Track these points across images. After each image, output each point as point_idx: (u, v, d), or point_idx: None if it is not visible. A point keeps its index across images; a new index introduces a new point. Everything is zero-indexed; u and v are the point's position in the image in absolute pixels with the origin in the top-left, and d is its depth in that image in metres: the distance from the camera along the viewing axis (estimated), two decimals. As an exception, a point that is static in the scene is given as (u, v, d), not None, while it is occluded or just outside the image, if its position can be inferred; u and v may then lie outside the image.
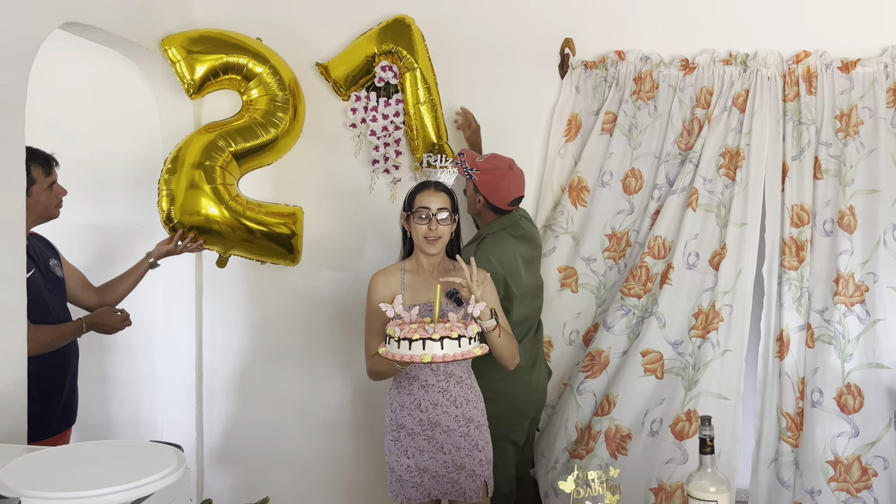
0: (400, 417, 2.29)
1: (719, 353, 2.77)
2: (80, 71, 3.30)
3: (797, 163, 2.88)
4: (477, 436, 2.29)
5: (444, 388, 2.26)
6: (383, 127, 3.11)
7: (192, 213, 2.82)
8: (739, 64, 2.92)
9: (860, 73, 2.88)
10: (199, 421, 3.29)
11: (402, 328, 1.97)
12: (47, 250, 2.52)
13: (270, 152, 3.01)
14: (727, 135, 2.90)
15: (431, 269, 2.34)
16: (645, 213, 2.97)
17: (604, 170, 2.98)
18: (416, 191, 2.33)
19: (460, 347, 1.95)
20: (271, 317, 3.30)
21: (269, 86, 2.96)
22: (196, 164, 2.82)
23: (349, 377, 3.25)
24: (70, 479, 1.25)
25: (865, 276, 2.81)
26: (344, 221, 3.22)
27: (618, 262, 3.00)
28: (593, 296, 3.01)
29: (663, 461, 2.75)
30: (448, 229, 2.30)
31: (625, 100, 2.98)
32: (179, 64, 2.92)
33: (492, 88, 3.12)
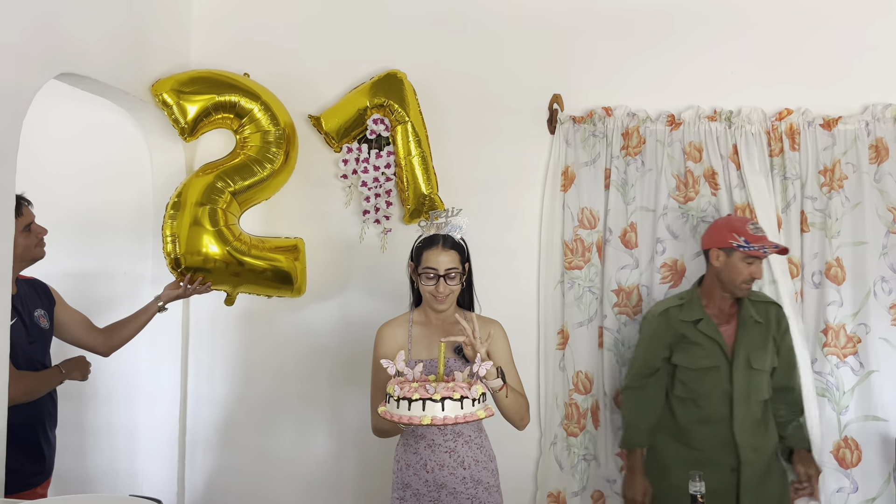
0: (406, 477, 2.19)
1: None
2: (71, 119, 3.31)
3: (785, 216, 2.93)
4: (485, 498, 2.18)
5: (451, 449, 2.16)
6: (374, 178, 3.14)
7: (195, 252, 2.84)
8: (724, 120, 2.99)
9: (842, 130, 2.95)
10: (181, 474, 3.21)
11: (403, 387, 1.87)
12: (38, 299, 2.49)
13: (266, 189, 3.04)
14: (732, 191, 2.95)
15: (441, 321, 2.24)
16: (651, 266, 2.98)
17: (607, 226, 3.01)
18: (424, 247, 2.21)
19: (462, 409, 1.83)
20: (258, 368, 3.25)
21: (261, 122, 3.00)
22: (198, 203, 2.86)
23: (337, 430, 3.20)
24: (44, 535, 1.21)
25: (857, 328, 2.82)
26: (334, 271, 3.22)
27: (633, 318, 2.99)
28: (611, 353, 3.00)
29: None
30: (457, 287, 2.21)
31: (615, 155, 3.03)
32: (172, 108, 2.96)
33: (482, 141, 3.16)
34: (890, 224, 2.88)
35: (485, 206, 3.13)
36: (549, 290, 3.03)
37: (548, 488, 2.99)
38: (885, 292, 2.84)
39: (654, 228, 2.98)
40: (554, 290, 3.03)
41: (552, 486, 2.98)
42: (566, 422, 3.00)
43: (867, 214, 2.88)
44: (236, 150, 3.04)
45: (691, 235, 2.95)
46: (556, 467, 2.98)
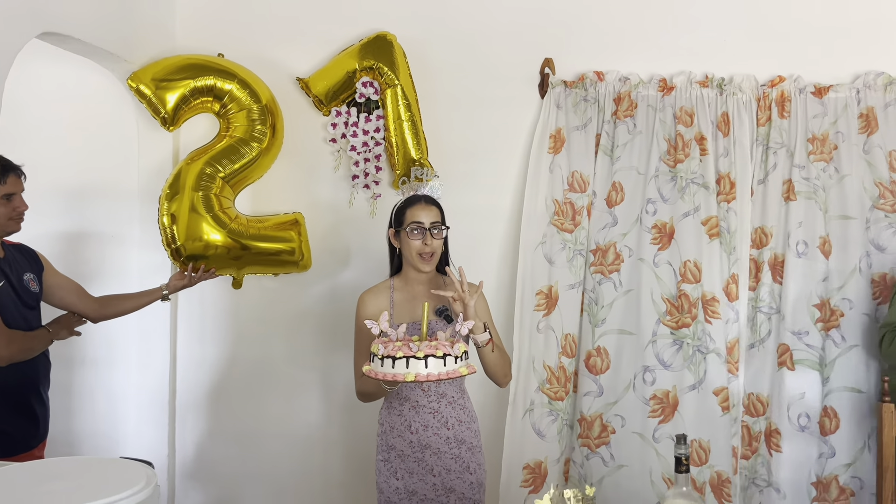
0: (390, 439, 2.23)
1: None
2: (57, 81, 3.26)
3: (762, 186, 2.94)
4: (469, 458, 2.23)
5: (435, 409, 2.20)
6: (364, 142, 3.11)
7: (195, 239, 2.86)
8: (716, 87, 2.98)
9: (833, 98, 2.94)
10: (172, 436, 3.24)
11: (387, 346, 1.90)
12: (25, 263, 2.47)
13: (257, 169, 3.03)
14: (718, 160, 2.95)
15: (421, 286, 2.27)
16: (639, 227, 2.96)
17: (593, 190, 3.00)
18: (406, 205, 2.25)
19: (445, 366, 1.86)
20: (248, 332, 3.26)
21: (242, 100, 2.97)
22: (193, 189, 2.87)
23: (327, 393, 3.23)
24: (38, 496, 1.22)
25: (841, 302, 2.85)
26: (323, 236, 3.21)
27: (609, 276, 2.96)
28: (586, 314, 2.98)
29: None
30: (440, 244, 2.23)
31: (606, 120, 3.02)
32: (150, 98, 2.93)
33: (472, 106, 3.14)
34: (875, 199, 2.89)
35: (475, 171, 3.12)
36: (528, 252, 3.00)
37: (523, 460, 2.90)
38: (868, 267, 2.87)
39: (643, 189, 2.97)
40: (535, 251, 2.99)
41: (528, 457, 2.89)
42: (548, 386, 2.94)
43: (854, 188, 2.89)
44: (221, 133, 3.02)
45: (679, 197, 2.95)
46: (532, 436, 2.90)
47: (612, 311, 2.94)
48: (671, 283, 2.90)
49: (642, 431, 2.86)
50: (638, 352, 2.90)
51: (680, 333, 2.87)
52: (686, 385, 2.85)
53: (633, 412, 2.88)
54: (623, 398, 2.90)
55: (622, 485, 2.84)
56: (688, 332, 2.86)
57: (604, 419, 2.90)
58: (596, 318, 2.95)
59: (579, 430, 2.92)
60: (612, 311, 2.94)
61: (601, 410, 2.91)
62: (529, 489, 2.87)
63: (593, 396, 2.92)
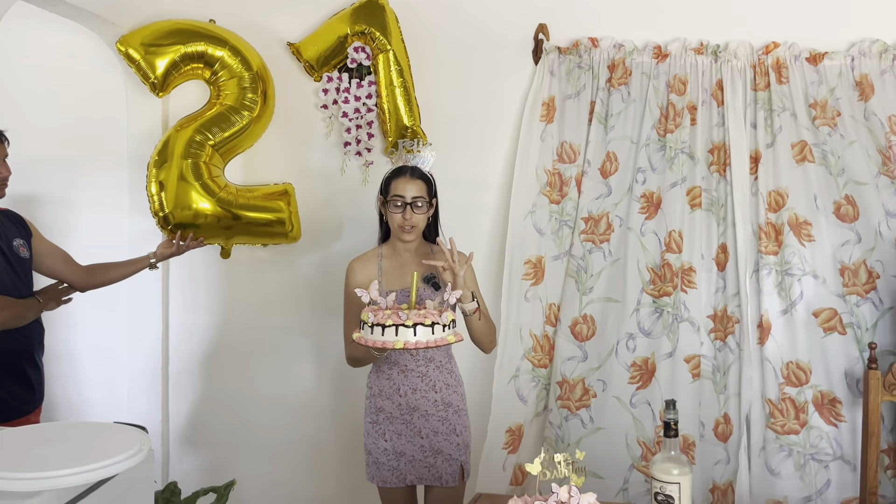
0: (379, 401, 2.29)
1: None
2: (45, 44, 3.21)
3: (771, 150, 2.88)
4: (455, 420, 2.29)
5: (423, 373, 2.26)
6: (355, 109, 3.08)
7: (184, 207, 2.84)
8: (710, 54, 2.95)
9: (828, 65, 2.92)
10: (165, 402, 3.26)
11: (377, 314, 1.94)
12: (14, 228, 2.46)
13: (247, 138, 3.00)
14: (711, 129, 2.93)
15: (409, 254, 2.32)
16: (630, 196, 2.95)
17: (585, 159, 2.98)
18: (392, 177, 2.29)
19: (433, 335, 1.91)
20: (240, 300, 3.27)
21: (233, 68, 2.94)
22: (182, 157, 2.84)
23: (320, 360, 3.24)
24: (31, 460, 1.23)
25: (875, 264, 2.80)
26: (315, 204, 3.20)
27: (599, 245, 2.96)
28: (572, 280, 2.96)
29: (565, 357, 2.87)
30: (423, 217, 2.28)
31: (600, 87, 2.99)
32: (139, 63, 2.89)
33: (465, 72, 3.11)
34: (880, 166, 2.84)
35: (468, 139, 3.10)
36: (518, 221, 2.99)
37: (506, 424, 2.94)
38: (889, 230, 2.80)
39: (635, 158, 2.95)
40: (524, 220, 2.99)
41: (511, 422, 2.94)
42: (533, 354, 2.96)
43: (861, 154, 2.85)
44: (212, 101, 2.99)
45: (668, 167, 2.94)
46: (516, 401, 2.94)
47: (600, 280, 2.94)
48: (656, 253, 2.91)
49: (620, 396, 2.89)
50: (622, 319, 2.91)
51: (661, 302, 2.89)
52: (664, 352, 2.88)
53: (614, 377, 2.90)
54: (606, 363, 2.91)
55: (598, 447, 2.86)
56: (668, 301, 2.88)
57: (586, 383, 2.92)
58: (584, 287, 2.95)
59: (559, 391, 2.94)
60: (600, 280, 2.94)
61: (584, 375, 2.93)
62: (509, 450, 2.93)
63: (577, 361, 2.93)
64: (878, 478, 2.39)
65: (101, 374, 3.26)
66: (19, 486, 1.15)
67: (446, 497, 2.30)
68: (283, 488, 3.26)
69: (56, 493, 1.18)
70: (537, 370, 2.97)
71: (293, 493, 3.26)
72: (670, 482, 1.57)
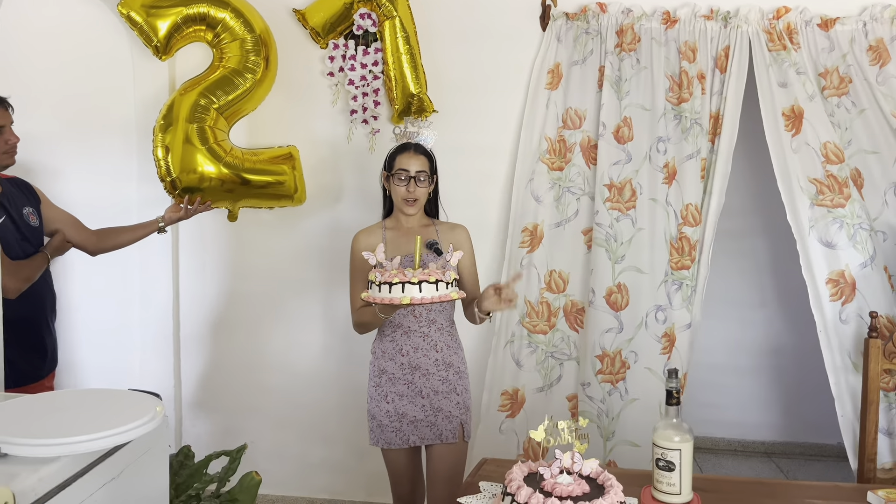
0: (382, 363, 2.36)
1: None
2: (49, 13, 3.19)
3: (814, 103, 2.83)
4: (455, 380, 2.36)
5: (425, 334, 2.33)
6: (361, 76, 3.07)
7: (190, 171, 2.84)
8: (720, 20, 2.91)
9: (839, 31, 2.88)
10: (177, 368, 3.31)
11: (384, 274, 2.05)
12: (23, 197, 2.47)
13: (251, 100, 2.99)
14: (712, 98, 2.91)
15: (411, 227, 2.40)
16: (650, 165, 2.93)
17: (599, 121, 2.96)
18: (397, 152, 2.37)
19: (437, 291, 2.02)
20: (248, 266, 3.30)
21: (236, 30, 2.92)
22: (187, 120, 2.84)
23: (328, 326, 3.28)
24: (49, 427, 1.26)
25: (875, 235, 2.81)
26: (322, 172, 3.20)
27: (626, 213, 2.94)
28: (602, 249, 2.94)
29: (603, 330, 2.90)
30: (425, 191, 2.36)
31: (609, 51, 2.96)
32: (141, 26, 2.88)
33: (472, 39, 3.08)
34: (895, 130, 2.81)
35: (474, 107, 3.09)
36: (520, 189, 3.00)
37: (502, 387, 2.98)
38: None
39: (652, 127, 2.94)
40: (525, 188, 3.00)
41: (507, 385, 2.98)
42: (528, 319, 2.99)
43: (874, 121, 2.83)
44: (215, 64, 2.97)
45: (683, 138, 2.93)
46: (512, 366, 2.98)
47: (631, 249, 2.93)
48: (673, 225, 2.92)
49: (652, 366, 2.91)
50: (651, 290, 2.92)
51: (679, 275, 2.90)
52: (683, 324, 2.90)
53: (644, 348, 2.91)
54: (637, 335, 2.92)
55: (634, 417, 2.91)
56: (686, 275, 2.90)
57: (623, 355, 2.93)
58: (615, 255, 2.94)
59: (599, 365, 2.93)
60: (631, 249, 2.93)
61: (621, 346, 2.93)
62: (507, 413, 2.98)
63: (615, 333, 2.93)
64: (876, 445, 2.42)
65: (113, 340, 3.30)
66: (39, 451, 1.19)
67: (447, 454, 2.36)
68: (292, 451, 3.33)
69: (74, 458, 1.22)
70: (534, 336, 2.99)
71: (302, 455, 3.33)
72: (671, 448, 1.61)
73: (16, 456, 1.18)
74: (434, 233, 2.39)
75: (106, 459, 1.29)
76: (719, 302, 3.94)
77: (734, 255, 4.02)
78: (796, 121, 2.83)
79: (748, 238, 4.07)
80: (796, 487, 1.88)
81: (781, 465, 3.93)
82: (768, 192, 3.36)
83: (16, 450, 1.19)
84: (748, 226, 4.05)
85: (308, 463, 3.33)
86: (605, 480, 1.47)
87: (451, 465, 2.37)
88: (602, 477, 1.48)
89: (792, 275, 3.08)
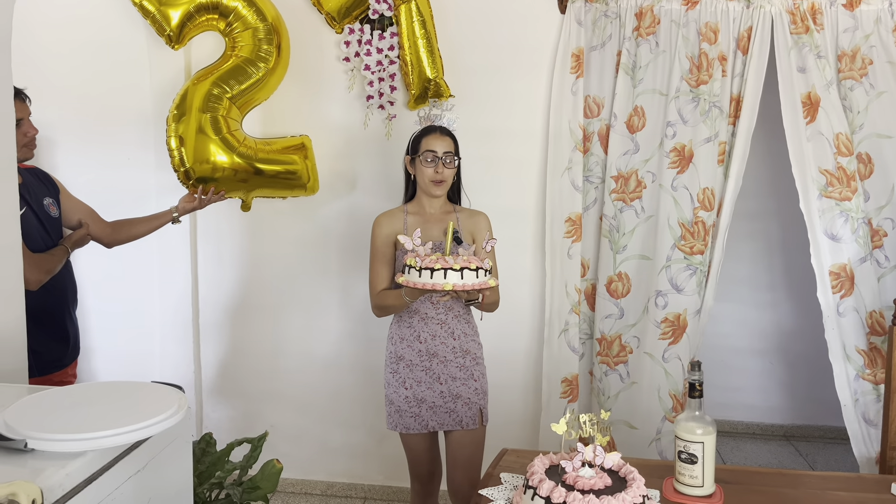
0: (399, 349, 2.37)
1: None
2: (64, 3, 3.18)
3: (829, 92, 2.79)
4: (473, 367, 2.37)
5: (442, 321, 2.34)
6: (378, 61, 3.05)
7: (203, 161, 2.84)
8: (743, 0, 2.86)
9: (864, 10, 2.82)
10: (197, 355, 3.34)
11: (423, 259, 2.09)
12: (43, 187, 2.49)
13: (263, 89, 2.98)
14: (733, 80, 2.87)
15: (434, 212, 2.40)
16: (660, 151, 2.91)
17: (613, 111, 2.93)
18: (422, 134, 2.37)
19: (477, 278, 2.07)
20: (266, 253, 3.30)
21: (248, 19, 2.90)
22: (200, 110, 2.84)
23: (346, 312, 3.29)
24: (75, 422, 1.27)
25: (883, 222, 2.80)
26: (338, 157, 3.19)
27: (630, 204, 2.94)
28: (606, 239, 2.98)
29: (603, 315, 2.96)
30: (452, 172, 2.35)
31: (627, 37, 2.92)
32: (154, 15, 2.87)
33: (489, 22, 3.05)
34: None
35: (490, 91, 3.07)
36: (556, 178, 3.00)
37: (561, 374, 3.03)
38: None
39: (664, 112, 2.91)
40: (562, 177, 2.99)
41: (566, 372, 3.02)
42: (579, 307, 3.03)
43: (891, 104, 2.78)
44: (227, 53, 2.96)
45: (701, 120, 2.89)
46: (569, 353, 3.02)
47: (633, 238, 2.95)
48: (688, 209, 2.88)
49: (652, 352, 2.92)
50: (652, 276, 2.92)
51: (693, 259, 2.88)
52: (694, 310, 2.89)
53: (647, 333, 2.95)
54: (641, 320, 2.97)
55: (634, 399, 2.97)
56: (701, 259, 2.87)
57: (623, 340, 2.99)
58: (617, 245, 2.97)
59: (598, 348, 3.02)
60: (633, 238, 2.95)
61: (621, 331, 3.00)
62: (568, 399, 3.04)
63: (614, 319, 3.00)
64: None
65: (133, 327, 3.33)
66: (65, 446, 1.20)
67: (467, 440, 2.38)
68: (311, 435, 3.36)
69: (100, 453, 1.23)
70: (582, 324, 3.07)
71: (322, 440, 3.35)
72: (694, 441, 1.60)
73: (42, 451, 1.19)
74: (455, 220, 2.38)
75: (131, 452, 1.30)
76: (731, 284, 3.92)
77: (746, 237, 4.00)
78: (812, 109, 2.80)
79: (762, 220, 4.04)
80: (820, 478, 1.87)
81: (801, 448, 3.92)
82: (783, 177, 3.32)
83: (42, 444, 1.20)
84: (762, 208, 4.02)
85: (327, 447, 3.36)
86: (628, 473, 1.46)
87: (471, 450, 2.39)
88: (624, 470, 1.48)
89: (802, 259, 3.07)
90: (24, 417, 1.27)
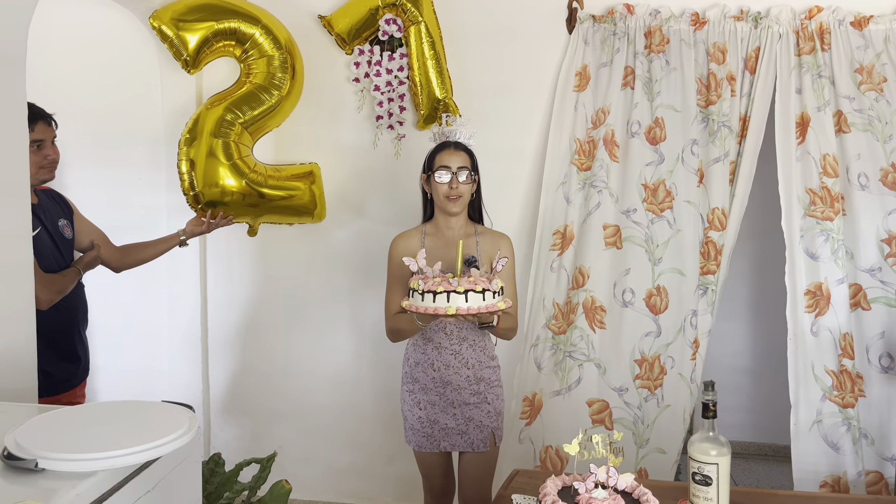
0: (415, 373, 2.34)
1: None
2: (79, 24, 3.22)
3: (821, 114, 2.79)
4: (486, 391, 2.33)
5: (456, 351, 2.29)
6: (387, 82, 3.07)
7: (212, 185, 2.86)
8: (751, 20, 2.87)
9: (873, 30, 2.82)
10: (206, 374, 3.34)
11: (426, 282, 1.95)
12: (58, 209, 2.50)
13: (276, 116, 3.00)
14: (741, 100, 2.87)
15: (452, 233, 2.33)
16: (684, 167, 2.89)
17: (631, 120, 2.91)
18: (436, 151, 2.32)
19: (484, 301, 1.91)
20: (275, 272, 3.31)
21: (264, 47, 2.92)
22: (212, 135, 2.85)
23: (355, 331, 3.28)
24: (85, 441, 1.27)
25: None
26: (347, 178, 3.21)
27: (660, 215, 2.89)
28: (642, 248, 2.88)
29: (642, 333, 2.83)
30: (468, 188, 2.29)
31: (638, 52, 2.92)
32: (172, 40, 2.89)
33: (498, 42, 3.07)
34: None
35: (500, 110, 3.08)
36: (550, 193, 2.97)
37: (524, 393, 2.93)
38: None
39: (685, 129, 2.89)
40: (556, 191, 2.96)
41: (528, 390, 2.92)
42: (554, 322, 2.92)
43: None
44: (241, 79, 2.98)
45: (710, 140, 2.89)
46: (533, 370, 2.91)
47: (668, 251, 2.87)
48: (700, 230, 2.88)
49: (683, 372, 2.86)
50: (689, 294, 2.86)
51: (705, 280, 2.86)
52: (705, 330, 2.87)
53: (680, 354, 2.85)
54: (676, 339, 2.86)
55: (664, 423, 2.86)
56: (712, 279, 2.86)
57: (661, 360, 2.85)
58: (654, 257, 2.88)
59: (638, 370, 2.85)
60: (668, 251, 2.87)
61: (659, 351, 2.86)
62: (525, 421, 2.90)
63: (653, 337, 2.86)
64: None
65: (142, 346, 3.33)
66: (77, 466, 1.19)
67: (479, 461, 2.36)
68: (320, 456, 3.33)
69: (111, 473, 1.22)
70: (557, 337, 2.93)
71: (331, 461, 3.33)
72: (708, 462, 1.58)
73: (53, 471, 1.18)
74: (474, 244, 2.32)
75: (141, 473, 1.30)
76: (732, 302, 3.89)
77: (741, 255, 3.93)
78: (803, 129, 2.80)
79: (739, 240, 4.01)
80: (837, 501, 1.84)
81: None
82: (760, 197, 3.28)
83: (53, 465, 1.19)
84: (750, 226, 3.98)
85: (336, 467, 3.33)
86: (641, 495, 1.45)
87: (482, 470, 2.37)
88: (637, 491, 1.46)
89: (773, 282, 3.03)
90: (35, 437, 1.27)
